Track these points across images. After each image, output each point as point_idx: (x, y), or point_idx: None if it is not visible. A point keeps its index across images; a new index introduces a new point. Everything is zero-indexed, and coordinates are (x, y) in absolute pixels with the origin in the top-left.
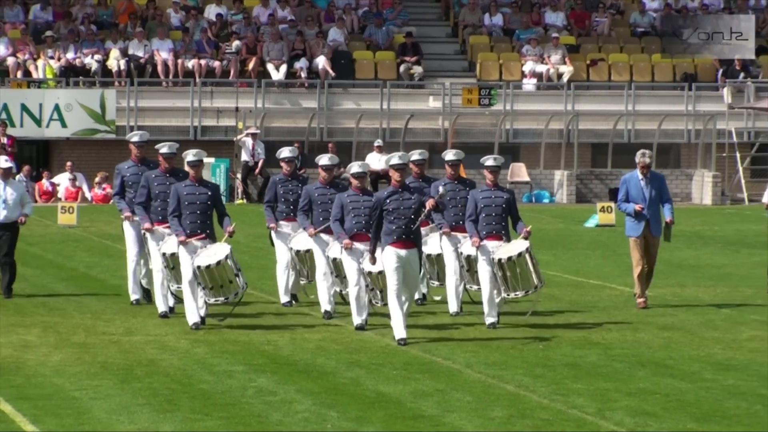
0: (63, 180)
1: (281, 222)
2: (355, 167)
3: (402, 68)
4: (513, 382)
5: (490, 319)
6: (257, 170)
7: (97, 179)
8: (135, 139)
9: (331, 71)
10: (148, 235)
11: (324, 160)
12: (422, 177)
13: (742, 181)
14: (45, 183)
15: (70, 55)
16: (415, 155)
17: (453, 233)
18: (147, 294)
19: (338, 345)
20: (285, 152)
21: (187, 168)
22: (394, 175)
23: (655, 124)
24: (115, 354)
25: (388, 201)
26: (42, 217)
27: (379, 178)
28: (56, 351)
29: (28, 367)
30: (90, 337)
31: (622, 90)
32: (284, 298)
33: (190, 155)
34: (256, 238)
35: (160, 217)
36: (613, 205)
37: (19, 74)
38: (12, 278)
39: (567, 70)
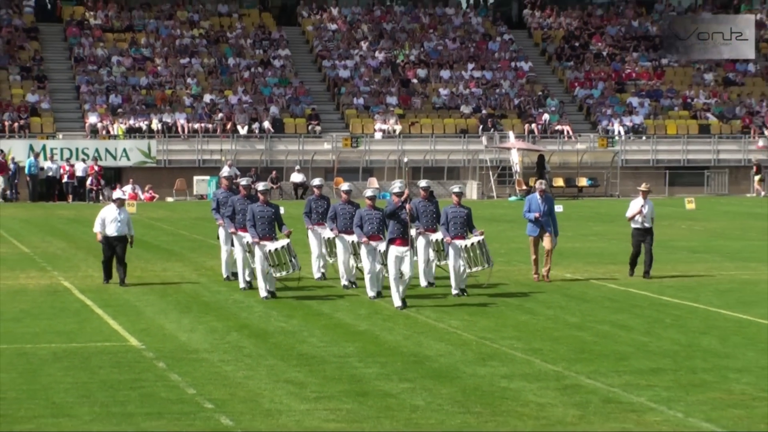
0: (128, 188)
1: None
2: (369, 192)
3: (310, 127)
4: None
5: (455, 292)
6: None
7: (146, 188)
8: (224, 174)
9: (272, 129)
10: (233, 236)
11: (344, 186)
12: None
13: (493, 187)
14: (117, 191)
15: (131, 122)
16: (395, 187)
17: (426, 233)
18: (234, 275)
19: (282, 277)
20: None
21: (258, 194)
22: (395, 199)
23: (446, 156)
24: (156, 281)
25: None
26: None
27: (297, 187)
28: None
29: (109, 289)
30: (145, 272)
31: (428, 138)
32: (317, 274)
33: (260, 185)
34: None
35: (241, 225)
36: None
37: (104, 132)
38: (125, 273)
39: (398, 127)
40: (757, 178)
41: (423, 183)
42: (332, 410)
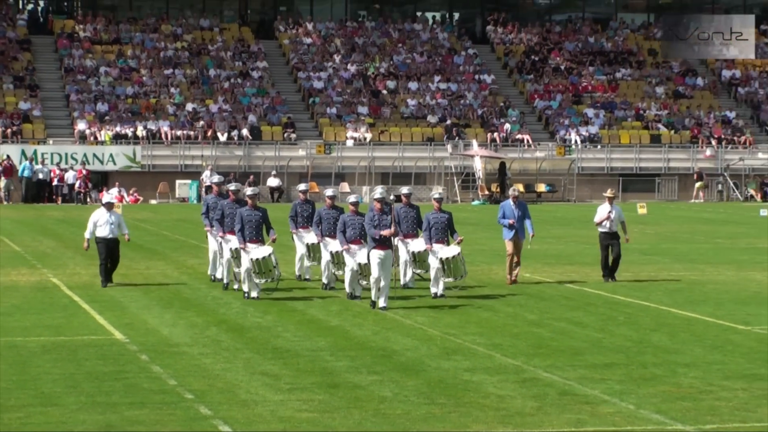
0: (114, 191)
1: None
2: (351, 198)
3: (285, 135)
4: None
5: (433, 290)
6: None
7: (131, 191)
8: (215, 180)
9: (250, 136)
10: (220, 238)
11: (329, 191)
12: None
13: (458, 192)
14: (104, 194)
15: (118, 128)
16: (377, 193)
17: (406, 239)
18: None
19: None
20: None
21: (247, 198)
22: (376, 205)
23: (413, 162)
24: (140, 279)
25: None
26: None
27: (273, 191)
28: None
29: (95, 285)
30: (129, 270)
31: (396, 146)
32: (297, 273)
33: (249, 190)
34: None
35: (229, 228)
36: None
37: (92, 138)
38: (112, 274)
39: (369, 135)
40: (698, 184)
41: (404, 190)
42: (305, 401)
